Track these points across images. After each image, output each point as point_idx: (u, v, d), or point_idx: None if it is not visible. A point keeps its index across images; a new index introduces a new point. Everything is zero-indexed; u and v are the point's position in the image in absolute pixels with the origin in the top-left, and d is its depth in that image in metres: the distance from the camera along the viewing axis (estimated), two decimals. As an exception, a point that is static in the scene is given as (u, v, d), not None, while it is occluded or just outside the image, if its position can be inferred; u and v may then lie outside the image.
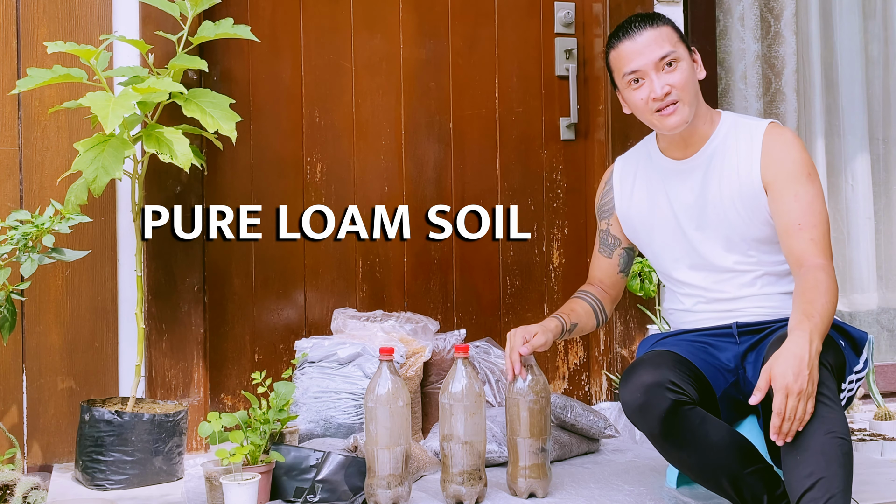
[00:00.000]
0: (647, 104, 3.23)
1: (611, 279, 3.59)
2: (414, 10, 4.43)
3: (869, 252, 5.10)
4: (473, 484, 3.31)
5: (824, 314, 2.89)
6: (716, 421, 2.99)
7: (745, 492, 2.99)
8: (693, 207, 3.31)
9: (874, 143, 5.16)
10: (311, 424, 3.87)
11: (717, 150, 3.29)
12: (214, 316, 4.17)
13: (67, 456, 3.88)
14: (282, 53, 4.28)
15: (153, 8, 3.85)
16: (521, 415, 3.34)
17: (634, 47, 3.23)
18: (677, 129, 3.25)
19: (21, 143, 3.85)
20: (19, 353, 3.84)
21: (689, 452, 2.99)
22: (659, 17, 3.30)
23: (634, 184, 3.48)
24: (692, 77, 3.26)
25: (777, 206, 3.16)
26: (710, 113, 3.34)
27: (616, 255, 3.56)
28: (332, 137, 4.33)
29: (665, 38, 3.23)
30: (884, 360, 5.16)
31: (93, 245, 3.88)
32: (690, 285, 3.37)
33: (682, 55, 3.24)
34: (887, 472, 3.66)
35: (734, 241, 3.27)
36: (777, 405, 2.73)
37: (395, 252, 4.40)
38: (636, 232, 3.49)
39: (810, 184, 3.15)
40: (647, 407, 2.95)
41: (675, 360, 3.10)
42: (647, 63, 3.21)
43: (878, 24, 5.17)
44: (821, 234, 3.10)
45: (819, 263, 3.04)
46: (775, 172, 3.18)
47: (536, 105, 4.59)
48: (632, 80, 3.25)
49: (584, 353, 4.64)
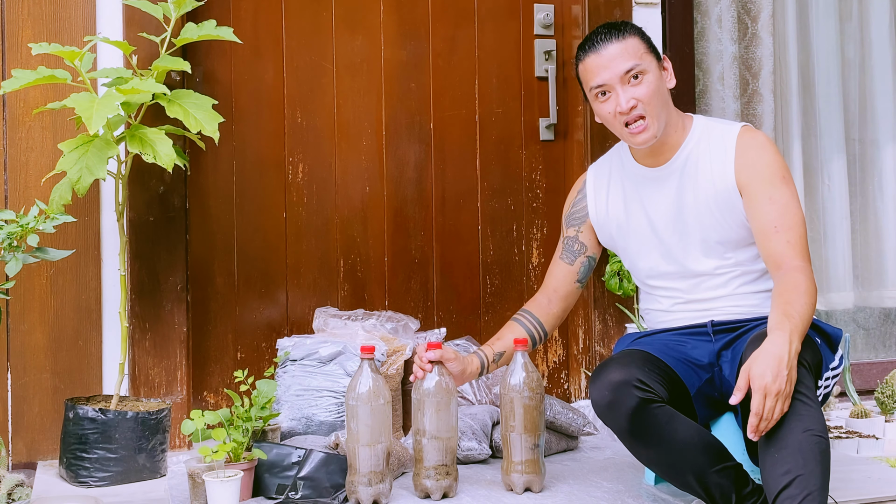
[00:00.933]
0: (614, 117, 3.25)
1: (566, 288, 3.58)
2: (394, 12, 4.45)
3: (845, 251, 5.12)
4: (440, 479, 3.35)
5: (803, 315, 2.90)
6: (684, 419, 3.01)
7: (712, 489, 3.00)
8: (668, 214, 3.33)
9: (850, 143, 5.17)
10: (293, 422, 3.89)
11: (690, 156, 3.31)
12: (197, 314, 4.18)
13: (52, 453, 3.89)
14: (264, 55, 4.30)
15: (137, 10, 3.86)
16: (516, 410, 3.38)
17: (600, 61, 3.24)
18: (646, 145, 3.27)
19: (6, 143, 3.86)
20: (4, 351, 3.85)
21: (656, 450, 3.01)
22: (625, 27, 3.29)
23: (609, 191, 3.49)
24: (659, 89, 3.26)
25: (753, 209, 3.18)
26: (681, 119, 3.36)
27: (578, 262, 3.56)
28: (313, 138, 4.35)
29: (631, 50, 3.24)
30: (860, 359, 5.18)
31: (77, 244, 3.89)
32: (667, 288, 3.39)
33: (648, 67, 3.24)
34: (864, 470, 3.68)
35: (710, 245, 3.28)
36: (755, 405, 2.74)
37: (376, 251, 4.42)
38: (612, 239, 3.51)
39: (785, 186, 3.17)
40: (615, 405, 2.97)
41: (646, 358, 3.12)
42: (613, 77, 3.22)
43: (855, 26, 5.19)
44: (797, 236, 3.12)
45: (798, 265, 3.06)
46: (750, 176, 3.19)
47: (516, 106, 4.61)
48: (598, 94, 3.27)
49: (563, 352, 4.67)
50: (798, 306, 2.91)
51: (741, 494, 3.01)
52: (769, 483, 2.78)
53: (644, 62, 3.24)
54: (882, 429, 4.06)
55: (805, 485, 2.72)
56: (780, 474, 2.75)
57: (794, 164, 4.95)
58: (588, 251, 3.57)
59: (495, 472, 3.63)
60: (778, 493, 2.74)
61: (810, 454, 2.75)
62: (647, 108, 3.22)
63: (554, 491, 3.46)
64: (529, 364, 3.42)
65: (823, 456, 2.77)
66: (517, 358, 3.43)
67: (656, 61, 3.29)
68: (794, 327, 2.83)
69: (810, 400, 2.82)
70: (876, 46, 5.21)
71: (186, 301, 4.06)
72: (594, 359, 4.51)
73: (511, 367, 3.42)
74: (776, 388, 2.73)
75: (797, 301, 2.93)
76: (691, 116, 3.40)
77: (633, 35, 3.28)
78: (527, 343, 3.46)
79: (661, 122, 3.25)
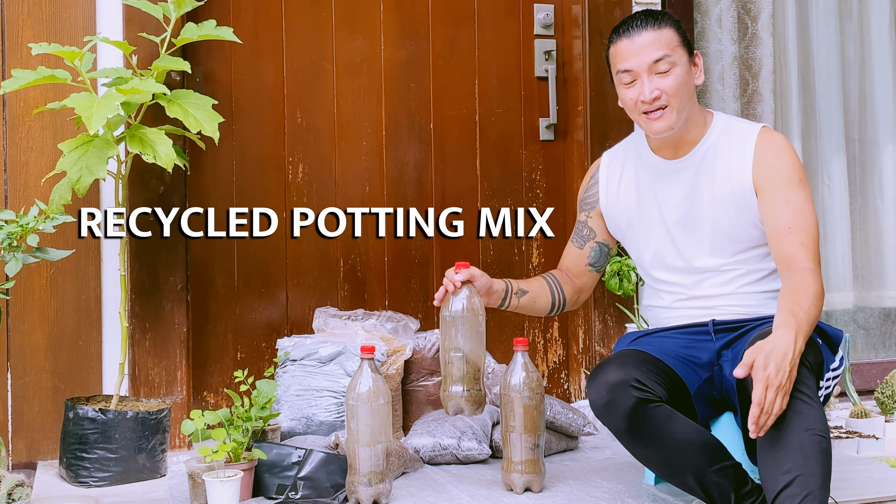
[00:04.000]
0: (636, 104, 3.25)
1: (577, 269, 3.60)
2: (395, 12, 4.46)
3: (845, 251, 5.13)
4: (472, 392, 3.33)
5: (810, 316, 2.89)
6: (682, 419, 3.01)
7: (711, 488, 3.00)
8: (680, 208, 3.33)
9: (850, 143, 5.18)
10: (293, 422, 3.89)
11: (708, 151, 3.31)
12: (197, 315, 4.19)
13: (52, 453, 3.90)
14: (264, 55, 4.30)
15: (137, 10, 3.87)
16: (517, 411, 3.39)
17: (631, 47, 3.24)
18: (662, 134, 3.27)
19: (6, 143, 3.86)
20: (3, 351, 3.86)
21: (654, 449, 3.01)
22: (663, 17, 3.28)
23: (621, 179, 3.49)
24: (686, 83, 3.26)
25: (768, 209, 3.19)
26: (702, 115, 3.36)
27: (588, 247, 3.57)
28: (313, 138, 4.35)
29: (664, 41, 3.23)
30: (860, 359, 5.20)
31: (77, 245, 3.89)
32: (670, 283, 3.40)
33: (678, 60, 3.24)
34: (864, 470, 3.69)
35: (720, 243, 3.29)
36: (757, 395, 2.73)
37: (376, 251, 4.43)
38: (620, 229, 3.51)
39: (801, 189, 3.18)
40: (612, 405, 2.97)
41: (643, 358, 3.13)
42: (641, 64, 3.22)
43: (854, 26, 5.20)
44: (810, 238, 3.12)
45: (808, 267, 3.06)
46: (767, 177, 3.20)
47: (516, 106, 4.62)
48: (625, 79, 3.27)
49: (563, 352, 4.67)
50: (805, 307, 2.90)
51: (740, 494, 3.01)
52: (769, 482, 2.78)
53: (675, 55, 3.24)
54: (882, 429, 4.06)
55: (805, 484, 2.71)
56: (780, 473, 2.75)
57: (794, 164, 4.96)
58: (597, 237, 3.57)
59: (495, 472, 3.64)
60: (778, 492, 2.74)
61: (811, 453, 2.74)
62: (671, 99, 3.22)
63: (554, 491, 3.46)
64: (530, 364, 3.42)
65: (825, 455, 2.76)
66: (517, 358, 3.43)
67: (688, 55, 3.29)
68: (799, 327, 2.82)
69: (812, 400, 2.81)
70: (876, 46, 5.21)
71: (186, 301, 4.06)
72: (594, 359, 4.51)
73: (511, 366, 3.43)
74: (777, 381, 2.72)
75: (805, 302, 2.92)
76: (712, 113, 3.39)
77: (670, 26, 3.27)
78: (526, 343, 3.46)
79: (682, 116, 3.25)
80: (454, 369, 3.28)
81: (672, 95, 3.22)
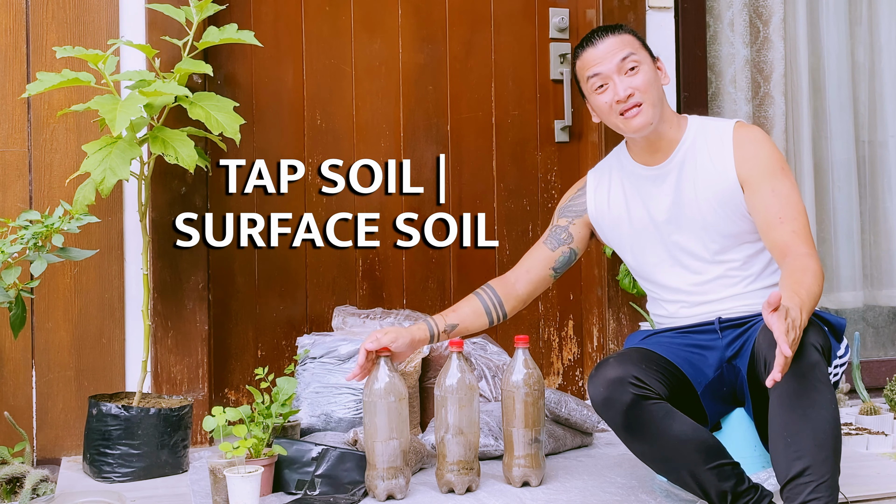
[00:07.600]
0: (611, 107, 3.31)
1: (538, 273, 3.61)
2: (412, 16, 4.49)
3: (855, 251, 5.16)
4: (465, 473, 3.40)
5: (812, 293, 2.92)
6: (680, 416, 3.05)
7: (707, 486, 3.04)
8: (669, 211, 3.38)
9: (860, 145, 5.21)
10: (312, 419, 3.93)
11: (687, 153, 3.36)
12: (218, 313, 4.23)
13: (75, 449, 3.94)
14: (284, 58, 4.34)
15: (159, 14, 3.90)
16: (516, 407, 3.43)
17: (596, 53, 3.33)
18: (642, 131, 3.32)
19: (31, 145, 3.91)
20: (29, 349, 3.90)
21: (650, 445, 3.06)
22: (619, 26, 3.40)
23: (610, 192, 3.53)
24: (655, 80, 3.34)
25: (755, 201, 3.24)
26: (676, 118, 3.42)
27: (560, 251, 3.59)
28: (332, 140, 4.39)
29: (626, 42, 3.33)
30: (869, 356, 5.22)
31: (100, 244, 3.94)
32: (672, 289, 3.44)
33: (643, 59, 3.33)
34: (873, 466, 3.72)
35: (712, 238, 3.33)
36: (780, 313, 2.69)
37: (395, 251, 4.46)
38: (618, 241, 3.55)
39: (785, 178, 3.24)
40: (610, 401, 3.03)
41: (645, 356, 3.17)
42: (610, 66, 3.30)
43: (864, 30, 5.23)
44: (801, 225, 3.17)
45: (804, 251, 3.10)
46: (750, 169, 3.25)
47: (532, 108, 4.65)
48: (596, 86, 3.33)
49: (578, 350, 4.71)
50: (807, 285, 2.93)
51: (737, 492, 3.04)
52: (780, 466, 2.83)
53: (639, 54, 3.33)
54: (891, 425, 4.10)
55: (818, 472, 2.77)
56: (792, 459, 2.80)
57: (804, 165, 4.99)
58: (573, 243, 3.59)
59: (510, 468, 3.68)
60: (790, 479, 2.79)
61: (824, 440, 2.79)
62: (645, 96, 3.29)
63: (568, 486, 3.48)
64: (530, 361, 3.45)
65: (836, 442, 2.81)
66: (518, 355, 3.46)
67: (651, 58, 3.38)
68: (802, 303, 2.83)
69: (824, 386, 2.85)
70: (885, 50, 5.24)
71: (208, 300, 4.10)
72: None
73: (511, 364, 3.46)
74: (794, 315, 2.72)
75: (805, 280, 2.96)
76: (686, 117, 3.46)
77: (628, 32, 3.38)
78: (527, 340, 3.49)
79: (656, 111, 3.31)
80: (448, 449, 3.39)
81: (644, 91, 3.29)
